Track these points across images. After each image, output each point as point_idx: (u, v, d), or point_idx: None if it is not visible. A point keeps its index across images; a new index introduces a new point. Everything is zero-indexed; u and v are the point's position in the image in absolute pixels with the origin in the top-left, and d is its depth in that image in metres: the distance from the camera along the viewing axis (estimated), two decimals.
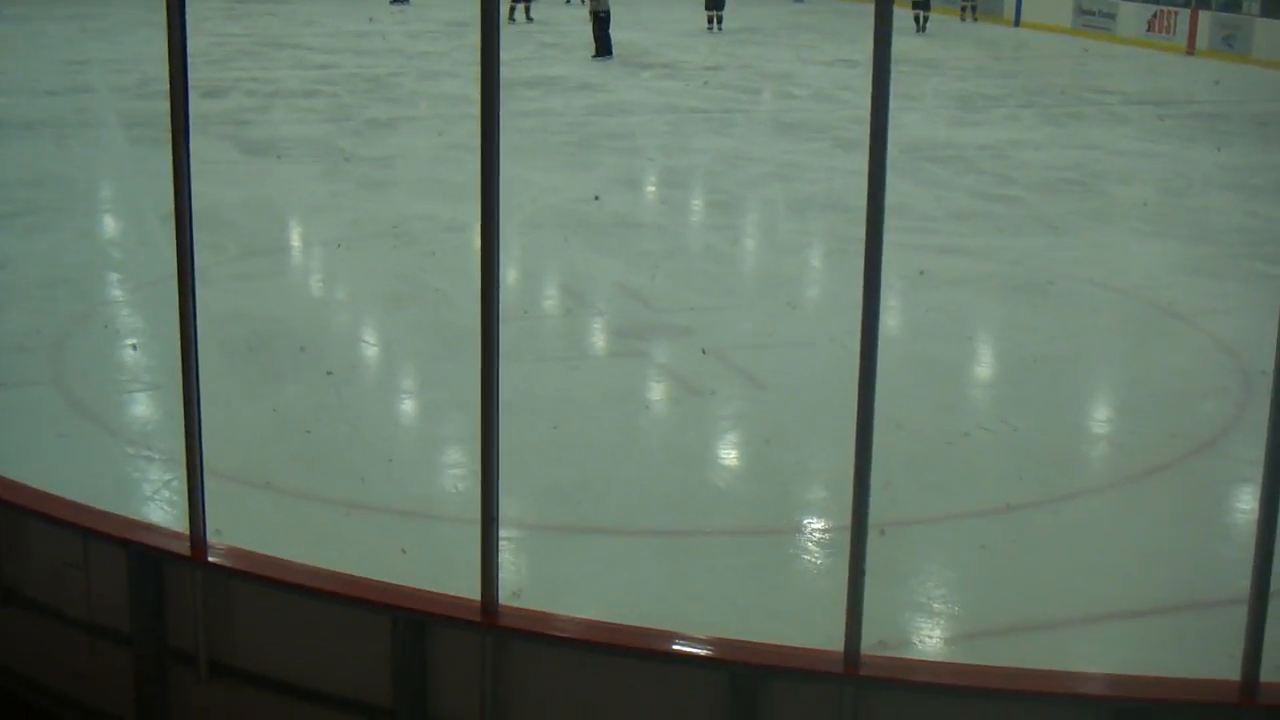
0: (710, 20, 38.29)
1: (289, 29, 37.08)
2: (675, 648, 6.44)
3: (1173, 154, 22.25)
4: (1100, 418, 11.41)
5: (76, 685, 7.77)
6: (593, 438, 10.49)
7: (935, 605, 8.20)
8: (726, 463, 10.46)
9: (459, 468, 9.66)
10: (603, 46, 32.17)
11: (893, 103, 5.76)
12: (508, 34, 34.82)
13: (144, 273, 14.01)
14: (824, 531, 8.97)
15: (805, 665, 6.23)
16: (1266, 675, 5.84)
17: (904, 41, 32.51)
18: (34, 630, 7.88)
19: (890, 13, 5.65)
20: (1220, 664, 6.32)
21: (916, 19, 38.51)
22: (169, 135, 6.78)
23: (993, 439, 10.67)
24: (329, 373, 11.46)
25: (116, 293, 13.96)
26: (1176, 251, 16.13)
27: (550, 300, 14.15)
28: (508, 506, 6.72)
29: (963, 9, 43.61)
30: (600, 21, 32.23)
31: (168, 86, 6.76)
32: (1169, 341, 13.03)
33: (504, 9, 37.68)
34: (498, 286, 6.15)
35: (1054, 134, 23.92)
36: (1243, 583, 6.03)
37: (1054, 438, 10.64)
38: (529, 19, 38.48)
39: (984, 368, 12.68)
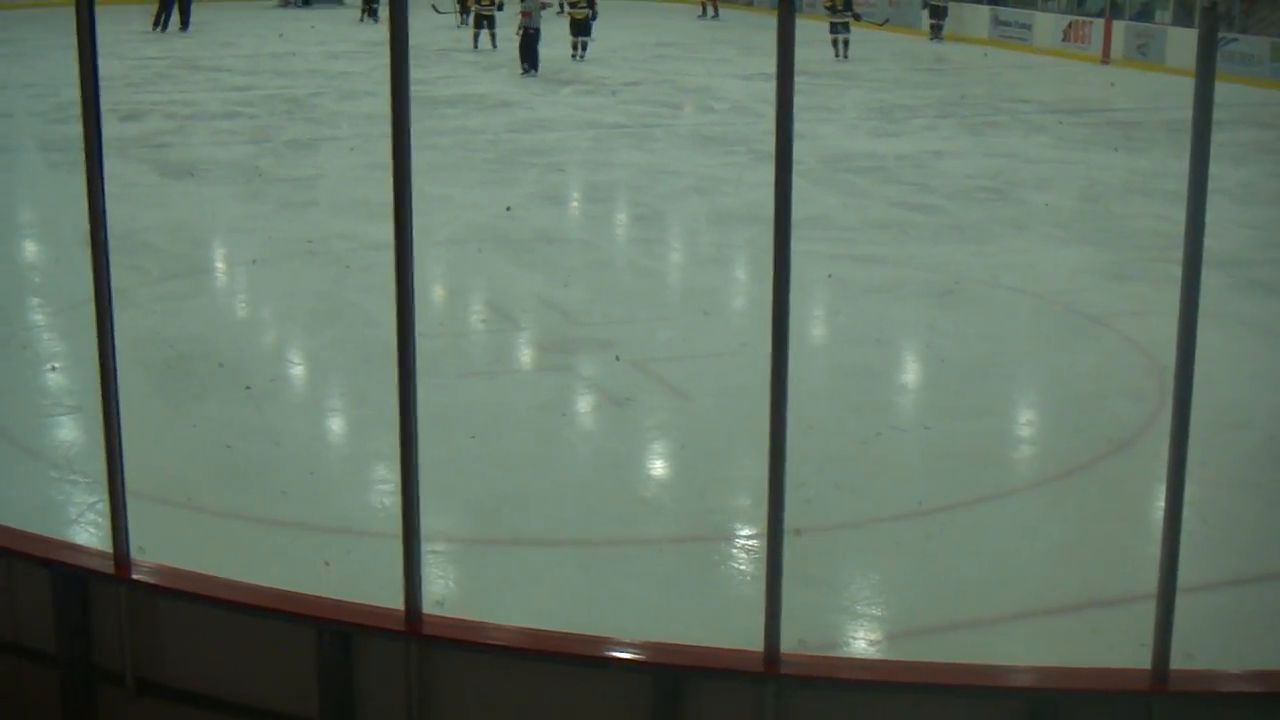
0: (575, 47, 35.64)
1: (207, 51, 36.94)
2: (597, 652, 6.50)
3: (1088, 161, 22.51)
4: (1017, 419, 11.58)
5: (3, 708, 7.75)
6: (516, 450, 10.55)
7: (856, 607, 8.32)
8: (649, 472, 10.56)
9: (383, 483, 9.70)
10: (531, 62, 32.25)
11: (812, 114, 5.89)
12: (427, 53, 34.84)
13: (64, 297, 13.97)
14: (746, 538, 9.07)
15: (726, 665, 6.30)
16: (1176, 664, 5.95)
17: (823, 55, 32.77)
18: None
19: (793, 21, 5.73)
20: (1134, 656, 6.44)
21: (835, 44, 35.97)
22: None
23: (908, 440, 10.81)
24: (247, 387, 11.49)
25: (37, 317, 13.91)
26: (1092, 256, 16.33)
27: (473, 315, 14.22)
28: (432, 520, 6.77)
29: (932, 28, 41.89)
30: (530, 38, 32.25)
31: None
32: (1085, 344, 13.20)
33: (469, 33, 37.66)
34: (412, 294, 6.19)
35: (972, 143, 24.17)
36: (1156, 578, 6.16)
37: (970, 439, 10.78)
38: (494, 46, 37.08)
39: (899, 372, 12.82)
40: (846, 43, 36.11)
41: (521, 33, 32.53)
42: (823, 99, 28.28)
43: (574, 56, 35.25)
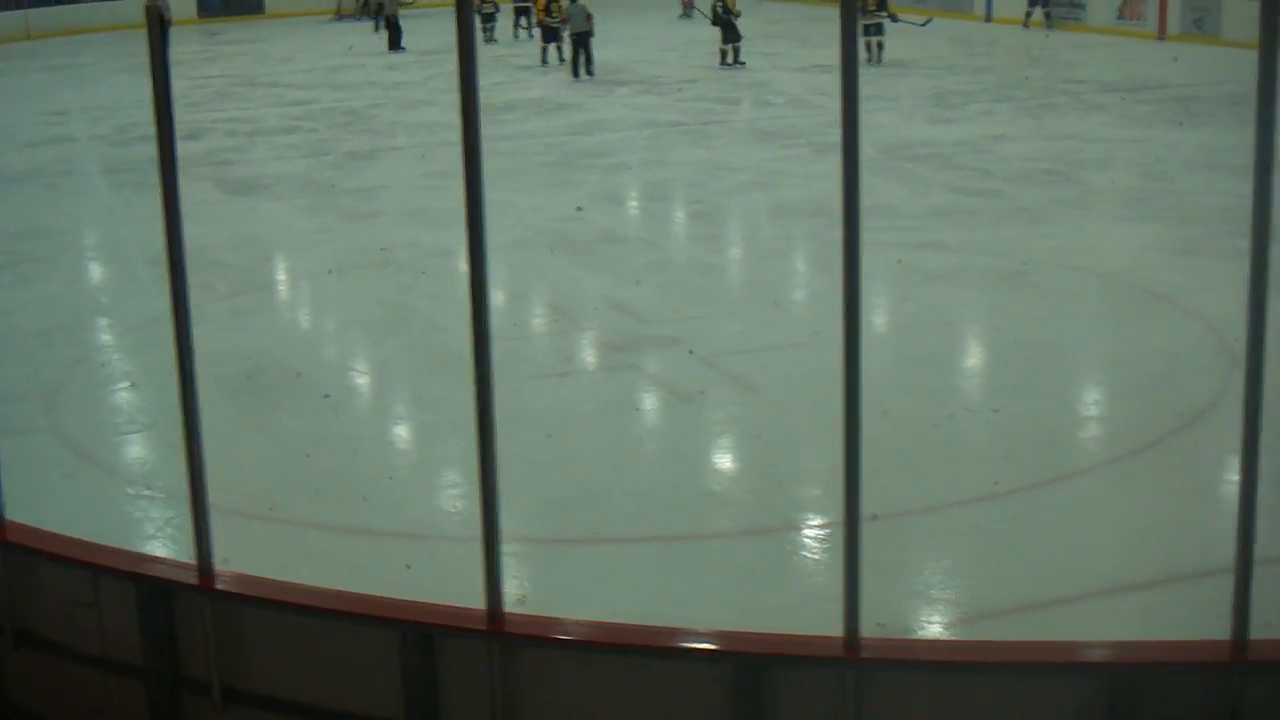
0: (724, 55, 33.73)
1: (265, 67, 37.18)
2: (678, 643, 6.54)
3: (1149, 138, 22.40)
4: (1087, 398, 11.58)
5: None
6: (589, 449, 10.63)
7: (933, 591, 8.34)
8: (721, 466, 10.60)
9: (456, 487, 9.79)
10: (585, 67, 32.05)
11: (868, 104, 5.91)
12: (482, 58, 34.86)
13: (133, 316, 14.13)
14: (820, 527, 9.10)
15: (806, 651, 6.33)
16: (1255, 634, 5.95)
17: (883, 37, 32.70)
18: (49, 670, 7.97)
19: (855, 11, 5.78)
20: (1213, 629, 6.43)
21: (869, 46, 32.28)
22: (150, 179, 6.90)
23: (980, 422, 10.83)
24: (326, 396, 11.62)
25: (108, 337, 14.08)
26: (1157, 233, 16.27)
27: (539, 318, 14.29)
28: (507, 521, 6.81)
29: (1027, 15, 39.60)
30: (580, 40, 31.97)
31: (151, 130, 6.89)
32: (1153, 322, 13.17)
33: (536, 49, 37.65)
34: (488, 292, 6.25)
35: (1030, 126, 24.06)
36: (1232, 551, 6.15)
37: (1041, 420, 10.79)
38: (561, 60, 36.17)
39: (969, 355, 12.84)
40: (880, 45, 32.97)
41: (573, 40, 32.24)
42: (879, 88, 28.21)
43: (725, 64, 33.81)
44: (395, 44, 40.20)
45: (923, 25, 35.96)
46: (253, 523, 9.23)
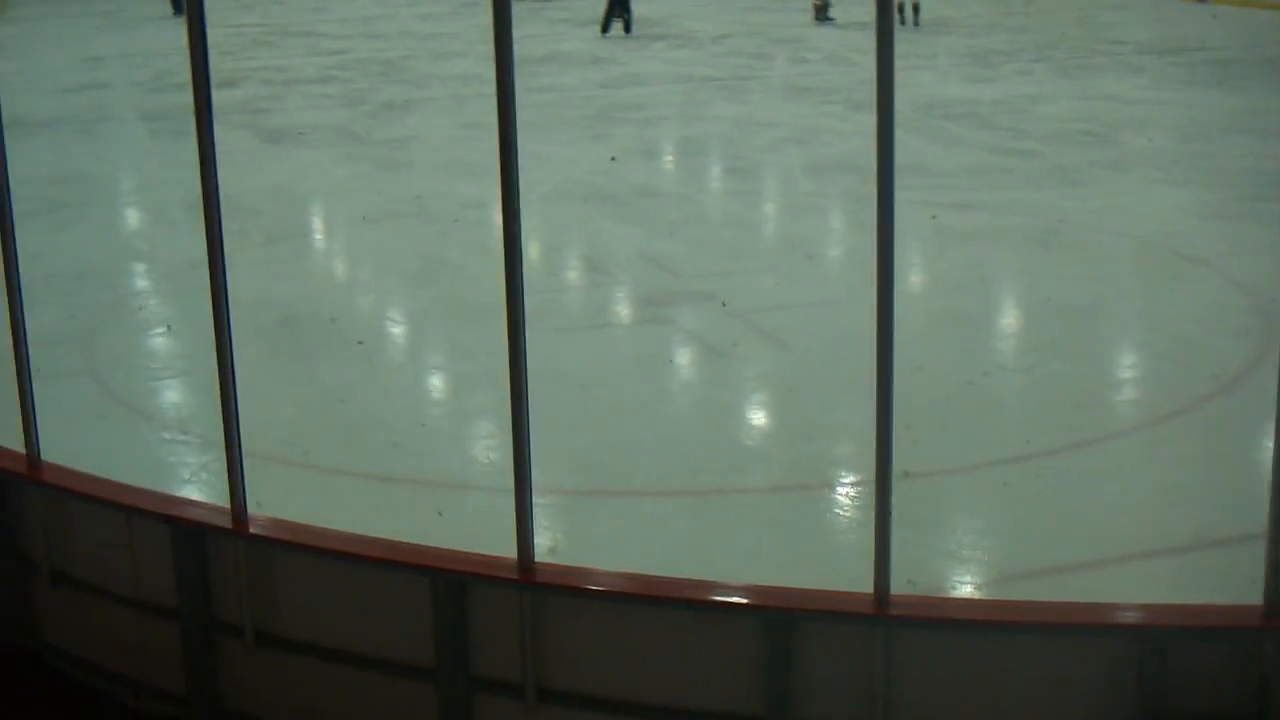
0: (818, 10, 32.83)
1: (299, 17, 37.16)
2: (708, 596, 6.58)
3: (1187, 100, 22.28)
4: (1121, 361, 11.54)
5: (127, 662, 7.93)
6: (621, 402, 10.62)
7: (963, 551, 8.34)
8: (754, 421, 10.61)
9: (490, 438, 9.80)
10: (623, 22, 31.45)
11: (905, 62, 5.90)
12: (518, 11, 34.77)
13: (170, 262, 14.18)
14: (853, 484, 9.10)
15: (836, 607, 6.37)
16: None
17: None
18: (83, 610, 8.05)
19: None
20: (1245, 594, 6.43)
21: (901, 9, 30.45)
22: (187, 127, 6.92)
23: (1014, 382, 10.84)
24: (360, 343, 11.66)
25: (144, 283, 14.15)
26: (1193, 197, 16.19)
27: (573, 271, 14.31)
28: (540, 472, 6.85)
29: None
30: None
31: (187, 77, 6.92)
32: (1188, 285, 13.10)
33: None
34: (519, 246, 6.27)
35: (1067, 86, 23.92)
36: (1265, 516, 6.14)
37: (1075, 381, 10.76)
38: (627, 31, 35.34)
39: (1003, 315, 12.78)
40: (917, 7, 31.64)
41: None
42: (916, 46, 28.09)
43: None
44: None
45: None
46: (286, 468, 9.25)
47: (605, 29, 31.40)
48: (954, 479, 9.23)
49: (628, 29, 31.48)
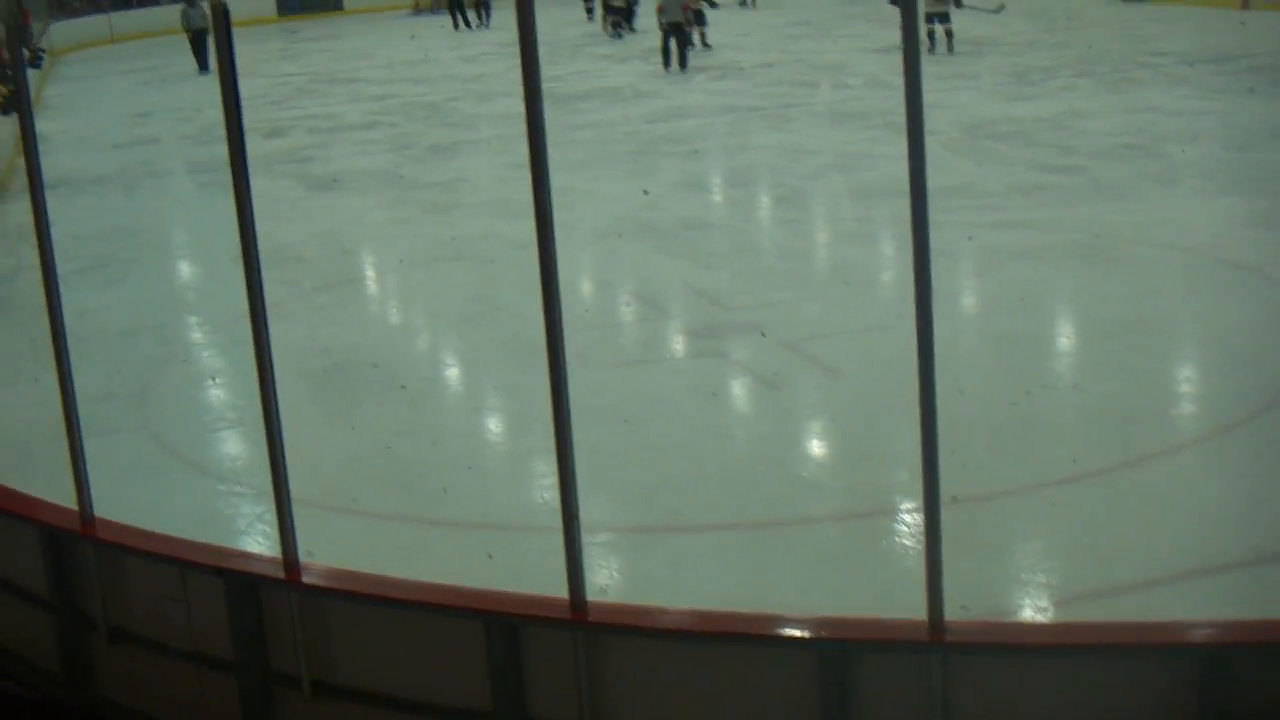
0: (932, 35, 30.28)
1: (344, 64, 37.40)
2: (760, 630, 6.54)
3: (1232, 110, 22.15)
4: (1172, 376, 11.45)
5: (187, 716, 7.94)
6: (673, 436, 10.61)
7: (1019, 574, 8.30)
8: (807, 451, 10.59)
9: (543, 478, 9.79)
10: (679, 58, 31.04)
11: (948, 83, 5.90)
12: (562, 48, 35.02)
13: (221, 313, 14.25)
14: (907, 511, 9.05)
15: (891, 635, 6.32)
16: None
17: (955, 21, 32.40)
18: (142, 665, 8.06)
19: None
20: None
21: (932, 35, 29.62)
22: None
23: (1061, 400, 10.79)
24: (402, 387, 11.69)
25: (196, 335, 14.23)
26: (1242, 207, 16.10)
27: (622, 305, 14.30)
28: (593, 510, 6.84)
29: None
30: (674, 32, 31.00)
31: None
32: (1238, 296, 13.00)
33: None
34: (557, 283, 6.26)
35: (1112, 101, 23.83)
36: None
37: (1126, 398, 10.69)
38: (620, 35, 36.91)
39: (1051, 333, 12.69)
40: (950, 34, 30.37)
41: (672, 30, 31.09)
42: (958, 66, 28.06)
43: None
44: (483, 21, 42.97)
45: (995, 11, 33.09)
46: (336, 515, 9.29)
47: (667, 64, 31.20)
48: (1005, 501, 9.17)
49: (682, 65, 31.06)
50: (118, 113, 30.75)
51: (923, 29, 28.64)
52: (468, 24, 43.96)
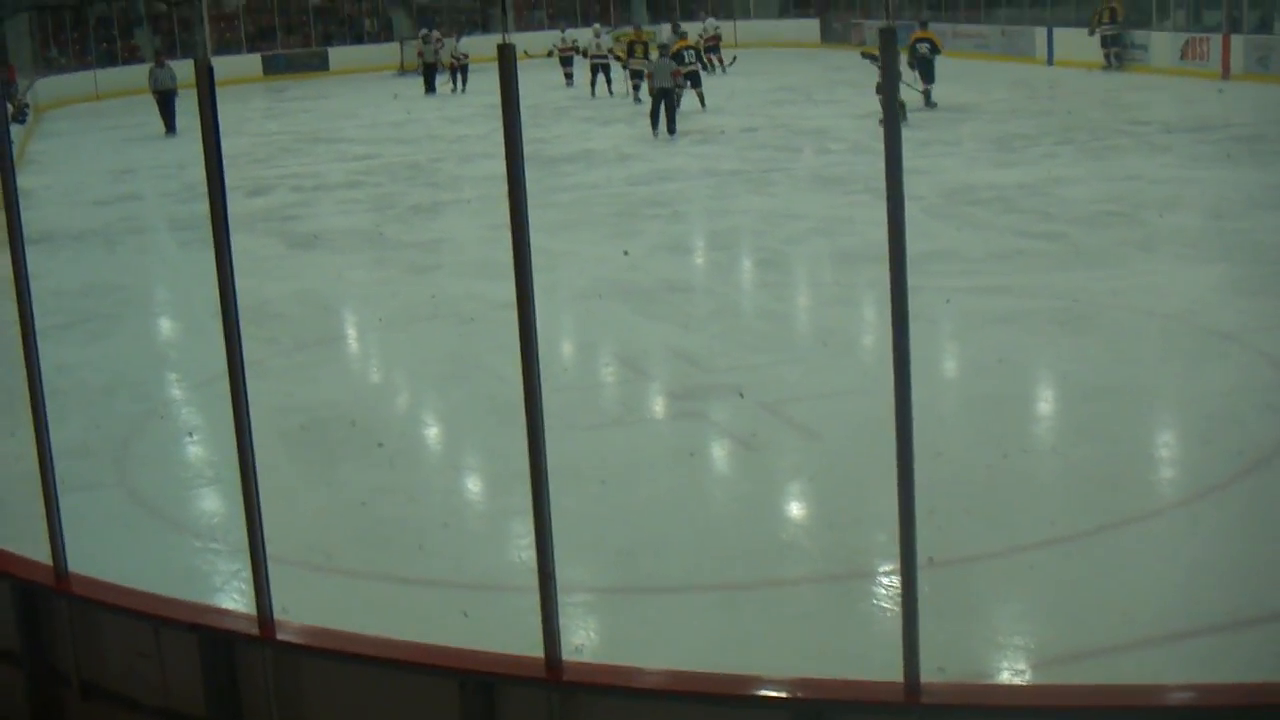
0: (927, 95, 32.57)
1: (328, 123, 37.52)
2: (734, 690, 6.51)
3: (1212, 178, 22.27)
4: (1151, 440, 11.46)
5: None
6: (651, 497, 10.61)
7: (996, 636, 8.28)
8: (785, 513, 10.57)
9: (520, 538, 9.74)
10: (669, 123, 31.00)
11: (931, 149, 5.93)
12: (545, 111, 35.18)
13: (200, 370, 14.20)
14: (885, 573, 9.03)
15: (867, 697, 6.30)
16: None
17: (938, 88, 32.60)
18: None
19: (896, 57, 5.78)
20: None
21: (903, 105, 27.15)
22: None
23: (1038, 463, 10.80)
24: (379, 445, 11.67)
25: (175, 392, 14.20)
26: (1222, 274, 16.16)
27: (602, 366, 14.31)
28: (570, 571, 6.83)
29: (1107, 56, 39.45)
30: (664, 96, 30.99)
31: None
32: (1217, 362, 13.05)
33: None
34: (535, 343, 6.26)
35: (1093, 168, 23.95)
36: None
37: (1105, 462, 10.71)
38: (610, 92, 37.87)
39: (1029, 397, 12.70)
40: (928, 93, 32.31)
41: (660, 95, 31.09)
42: (940, 132, 28.22)
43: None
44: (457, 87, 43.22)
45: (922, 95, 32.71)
46: (311, 572, 9.26)
47: (655, 128, 31.23)
48: (982, 563, 9.17)
49: (671, 129, 31.01)
50: (101, 169, 30.80)
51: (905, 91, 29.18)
52: (434, 90, 44.39)
